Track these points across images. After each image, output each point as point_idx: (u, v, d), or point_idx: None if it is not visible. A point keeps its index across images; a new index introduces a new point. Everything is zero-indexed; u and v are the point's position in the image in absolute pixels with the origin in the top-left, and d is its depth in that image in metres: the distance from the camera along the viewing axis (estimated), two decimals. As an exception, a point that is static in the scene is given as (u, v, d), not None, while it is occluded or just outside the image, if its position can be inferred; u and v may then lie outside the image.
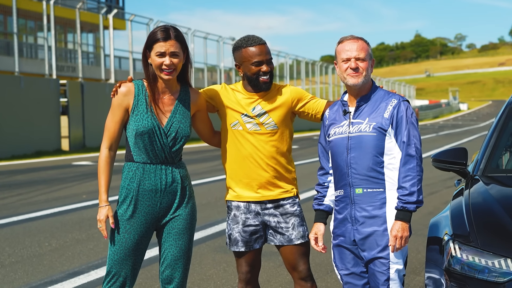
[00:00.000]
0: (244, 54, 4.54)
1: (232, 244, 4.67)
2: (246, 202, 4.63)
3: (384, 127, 4.23)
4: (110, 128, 4.36)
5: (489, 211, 4.46)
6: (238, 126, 4.59)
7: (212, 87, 4.72)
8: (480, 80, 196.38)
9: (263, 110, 4.58)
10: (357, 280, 4.40)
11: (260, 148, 4.57)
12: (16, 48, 25.61)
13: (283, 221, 4.62)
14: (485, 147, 5.49)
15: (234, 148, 4.62)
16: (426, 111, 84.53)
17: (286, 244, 4.63)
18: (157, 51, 4.26)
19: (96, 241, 8.99)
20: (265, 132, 4.58)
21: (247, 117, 4.58)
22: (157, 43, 4.26)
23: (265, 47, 4.54)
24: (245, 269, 4.70)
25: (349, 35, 4.37)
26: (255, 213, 4.63)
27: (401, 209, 4.17)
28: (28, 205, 12.16)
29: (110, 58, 31.98)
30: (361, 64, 4.28)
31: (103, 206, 4.29)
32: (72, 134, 26.94)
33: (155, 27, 4.37)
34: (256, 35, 4.60)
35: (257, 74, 4.53)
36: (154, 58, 4.27)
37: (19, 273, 7.35)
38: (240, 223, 4.63)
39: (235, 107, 4.60)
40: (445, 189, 14.09)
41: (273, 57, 4.64)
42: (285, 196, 4.64)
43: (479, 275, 4.05)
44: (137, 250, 4.36)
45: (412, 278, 7.00)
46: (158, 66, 4.27)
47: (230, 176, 4.68)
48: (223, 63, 41.24)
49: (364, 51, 4.29)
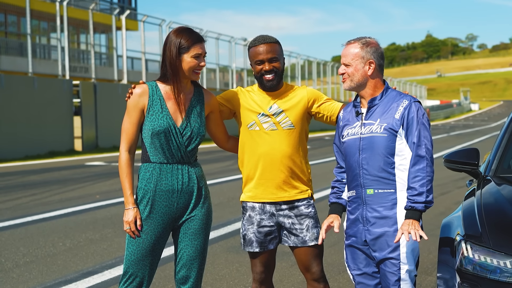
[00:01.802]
0: (251, 53, 4.61)
1: (247, 245, 4.69)
2: (261, 203, 4.66)
3: (395, 128, 4.25)
4: (128, 130, 4.40)
5: (501, 211, 4.48)
6: (255, 126, 4.62)
7: (229, 90, 4.76)
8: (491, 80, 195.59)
9: (280, 109, 4.60)
10: (369, 280, 4.42)
11: (277, 148, 4.59)
12: (30, 49, 25.73)
13: (297, 223, 4.65)
14: (496, 148, 5.50)
15: (251, 149, 4.65)
16: (437, 111, 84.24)
17: (300, 246, 4.65)
18: (195, 53, 4.33)
19: (109, 241, 9.05)
20: (282, 131, 4.60)
21: (264, 116, 4.60)
22: (197, 45, 4.34)
23: (269, 46, 4.54)
24: (260, 269, 4.72)
25: (349, 40, 4.42)
26: (270, 214, 4.65)
27: (410, 209, 4.18)
28: (42, 205, 12.23)
29: (122, 58, 32.06)
30: (348, 69, 4.35)
31: (131, 208, 4.34)
32: (85, 135, 27.04)
33: (173, 28, 4.41)
34: (268, 35, 4.62)
35: (260, 72, 4.56)
36: (191, 60, 4.33)
37: (33, 273, 7.41)
38: (255, 224, 4.66)
39: (252, 107, 4.63)
40: (457, 189, 14.07)
41: (285, 57, 4.64)
42: (300, 197, 4.65)
43: (491, 275, 4.07)
44: (154, 250, 4.41)
45: (424, 278, 7.03)
46: (194, 67, 4.35)
47: (247, 177, 4.70)
48: (235, 64, 41.31)
49: (349, 57, 4.34)
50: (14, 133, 23.45)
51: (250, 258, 4.76)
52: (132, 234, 4.35)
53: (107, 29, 41.25)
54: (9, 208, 11.93)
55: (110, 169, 19.06)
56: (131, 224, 4.33)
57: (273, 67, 4.56)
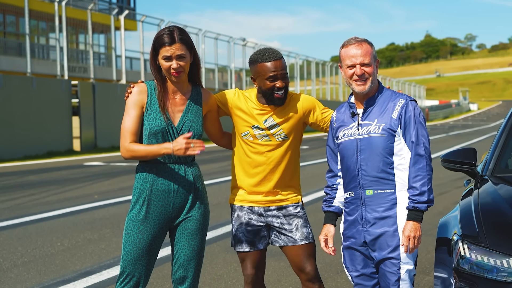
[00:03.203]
0: (259, 69, 4.53)
1: (237, 244, 4.70)
2: (250, 206, 4.68)
3: (393, 128, 4.24)
4: (129, 126, 4.35)
5: (498, 211, 4.48)
6: (249, 136, 4.62)
7: (226, 92, 4.73)
8: (490, 80, 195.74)
9: (275, 122, 4.60)
10: (367, 281, 4.41)
11: (269, 158, 4.61)
12: (28, 49, 25.72)
13: (286, 223, 4.65)
14: (494, 147, 5.50)
15: (244, 156, 4.66)
16: (436, 111, 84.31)
17: (290, 245, 4.65)
18: (163, 55, 4.30)
19: (107, 241, 9.05)
20: (275, 142, 4.61)
21: (258, 129, 4.60)
22: (163, 48, 4.29)
23: (280, 62, 4.51)
24: (250, 271, 4.70)
25: (352, 39, 4.33)
26: (259, 214, 4.66)
27: (413, 209, 4.17)
28: (40, 205, 12.23)
29: (121, 59, 32.09)
30: (367, 69, 4.27)
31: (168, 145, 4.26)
32: (83, 135, 27.05)
33: (160, 29, 4.41)
34: (273, 49, 4.58)
35: (272, 89, 4.51)
36: (162, 62, 4.32)
37: (31, 273, 7.41)
38: (243, 223, 4.67)
39: (246, 118, 4.62)
40: (455, 189, 14.08)
41: (284, 58, 4.63)
42: (288, 203, 4.68)
43: (488, 274, 4.07)
44: (151, 250, 4.41)
45: (421, 278, 7.03)
46: (167, 70, 4.32)
47: (237, 181, 4.72)
48: (234, 64, 41.28)
49: (368, 56, 4.27)
50: (13, 133, 23.45)
51: (240, 260, 4.75)
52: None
53: (105, 29, 41.23)
54: (8, 208, 11.93)
55: (109, 169, 19.05)
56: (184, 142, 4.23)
57: (285, 84, 4.55)
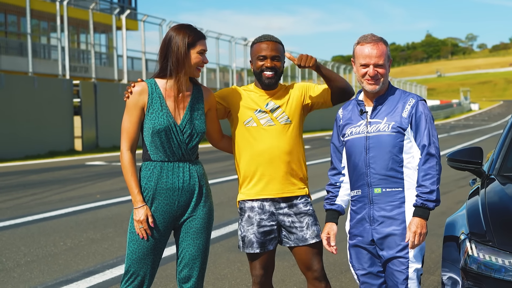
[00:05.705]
0: (254, 49, 4.63)
1: (247, 246, 4.65)
2: (259, 201, 4.63)
3: (403, 126, 4.22)
4: (129, 129, 4.36)
5: (505, 210, 4.46)
6: (252, 122, 4.61)
7: (224, 88, 4.77)
8: (491, 80, 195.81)
9: (276, 105, 4.62)
10: (374, 279, 4.39)
11: (275, 143, 4.59)
12: (30, 48, 25.71)
13: (297, 221, 4.63)
14: (500, 146, 5.48)
15: (248, 145, 4.63)
16: (437, 111, 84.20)
17: (301, 245, 4.63)
18: (201, 49, 4.35)
19: (110, 240, 9.03)
20: (279, 126, 4.60)
21: (261, 112, 4.61)
22: (202, 41, 4.35)
23: (274, 44, 4.58)
24: (260, 272, 4.68)
25: (369, 37, 4.28)
26: (270, 213, 4.63)
27: (421, 206, 4.15)
28: (43, 204, 12.22)
29: (122, 58, 32.05)
30: (380, 70, 4.24)
31: (141, 206, 4.30)
32: (85, 134, 27.03)
33: (172, 25, 4.41)
34: (273, 35, 4.63)
35: (261, 68, 4.57)
36: (196, 56, 4.33)
37: (34, 272, 7.39)
38: (255, 224, 4.62)
39: (248, 104, 4.63)
40: (458, 189, 14.06)
41: (283, 45, 4.66)
42: (298, 194, 4.64)
43: (496, 274, 4.05)
44: (156, 249, 4.38)
45: (426, 278, 7.01)
46: (198, 63, 4.35)
47: (244, 174, 4.67)
48: (235, 64, 41.29)
49: (383, 57, 4.23)
50: (14, 133, 23.44)
51: (249, 260, 4.71)
52: (144, 233, 4.31)
53: (107, 29, 41.25)
54: (10, 207, 11.91)
55: (111, 169, 19.04)
56: (143, 222, 4.29)
57: (274, 65, 4.57)
